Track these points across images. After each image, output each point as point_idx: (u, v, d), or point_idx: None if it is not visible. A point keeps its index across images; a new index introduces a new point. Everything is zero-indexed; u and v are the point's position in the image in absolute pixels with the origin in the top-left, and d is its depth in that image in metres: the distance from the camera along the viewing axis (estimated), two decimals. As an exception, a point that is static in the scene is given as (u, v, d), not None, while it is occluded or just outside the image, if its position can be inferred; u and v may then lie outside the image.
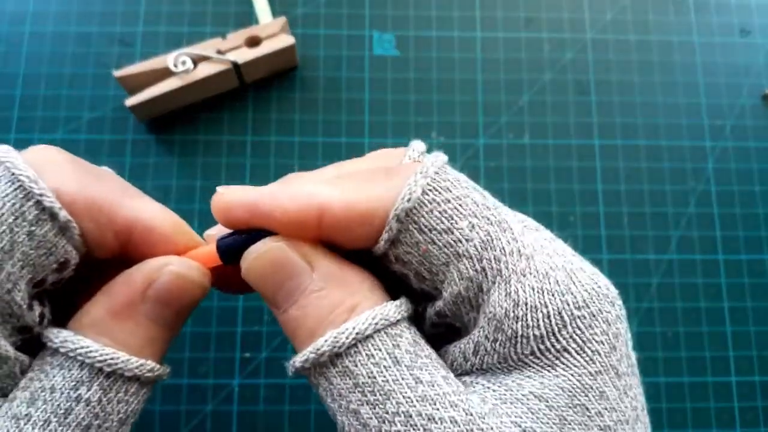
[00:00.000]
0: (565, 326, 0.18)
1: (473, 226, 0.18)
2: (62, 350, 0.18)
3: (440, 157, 0.19)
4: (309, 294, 0.18)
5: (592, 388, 0.17)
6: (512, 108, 0.41)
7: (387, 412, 0.17)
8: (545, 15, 0.43)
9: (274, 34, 0.38)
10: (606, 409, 0.18)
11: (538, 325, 0.18)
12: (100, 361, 0.17)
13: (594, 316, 0.18)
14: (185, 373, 0.36)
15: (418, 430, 0.16)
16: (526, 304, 0.18)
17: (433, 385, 0.17)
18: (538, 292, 0.18)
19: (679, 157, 0.41)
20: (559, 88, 0.41)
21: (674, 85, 0.42)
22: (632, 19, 0.43)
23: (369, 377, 0.17)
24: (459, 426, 0.16)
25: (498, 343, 0.18)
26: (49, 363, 0.18)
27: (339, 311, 0.18)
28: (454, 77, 0.41)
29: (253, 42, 0.38)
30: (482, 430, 0.16)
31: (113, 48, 0.41)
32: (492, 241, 0.18)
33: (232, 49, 0.37)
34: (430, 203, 0.18)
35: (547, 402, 0.17)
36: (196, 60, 0.37)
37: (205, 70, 0.37)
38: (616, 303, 0.19)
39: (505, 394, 0.18)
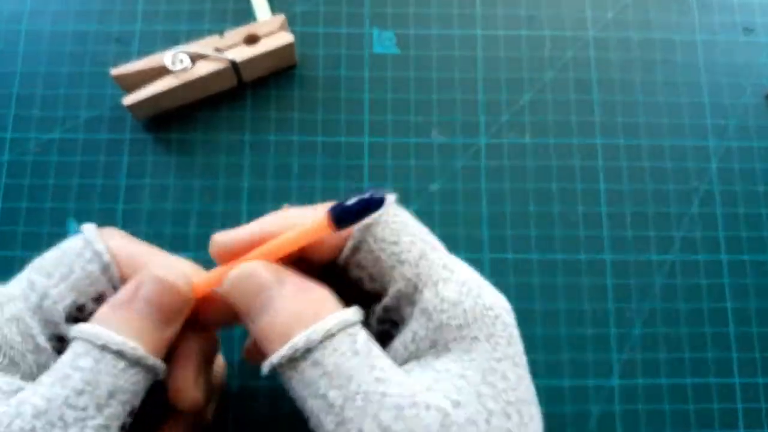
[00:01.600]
0: (476, 320, 0.23)
1: (413, 243, 0.25)
2: (71, 334, 0.23)
3: (392, 196, 0.26)
4: (280, 303, 0.23)
5: (497, 370, 0.23)
6: (513, 107, 0.41)
7: (349, 392, 0.21)
8: (546, 13, 0.42)
9: (272, 32, 0.38)
10: (509, 388, 0.23)
11: (457, 317, 0.23)
12: (92, 336, 0.22)
13: (496, 317, 0.24)
14: (183, 375, 0.35)
15: (374, 403, 0.21)
16: (449, 301, 0.23)
17: (383, 370, 0.22)
18: (457, 293, 0.24)
19: (682, 157, 0.40)
20: (561, 86, 0.41)
21: (676, 84, 0.42)
22: (634, 18, 0.43)
23: (335, 366, 0.21)
24: (406, 398, 0.21)
25: (429, 330, 0.23)
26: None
27: (305, 315, 0.22)
28: (455, 76, 0.41)
29: (252, 40, 0.37)
30: (423, 400, 0.21)
31: (110, 46, 0.40)
32: (426, 254, 0.25)
33: (230, 47, 0.37)
34: (383, 222, 0.25)
35: (467, 380, 0.22)
36: (194, 58, 0.37)
37: (203, 68, 0.36)
38: (510, 314, 0.25)
39: (437, 376, 0.22)
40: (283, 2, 0.41)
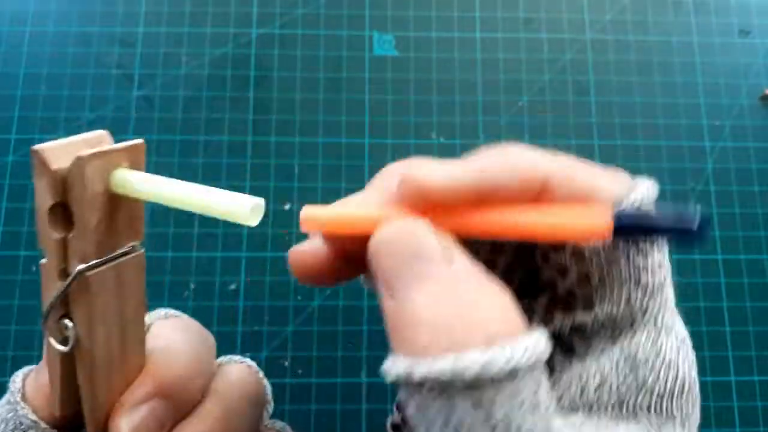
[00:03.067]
0: (682, 394, 0.18)
1: (661, 264, 0.18)
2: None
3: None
4: (443, 286, 0.15)
5: None
6: (512, 108, 0.41)
7: None
8: (545, 15, 0.43)
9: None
10: None
11: (666, 384, 0.17)
12: None
13: (696, 397, 0.18)
14: (185, 373, 0.36)
15: None
16: (665, 359, 0.18)
17: None
18: (676, 352, 0.18)
19: (679, 158, 0.41)
20: (559, 88, 0.41)
21: (673, 86, 0.42)
22: (631, 20, 0.43)
23: (505, 417, 0.14)
24: None
25: (625, 385, 0.18)
26: None
27: (475, 320, 0.15)
28: (454, 78, 0.41)
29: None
30: None
31: (114, 48, 0.41)
32: (664, 287, 0.18)
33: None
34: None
35: None
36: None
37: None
38: None
39: None
40: (285, 5, 0.42)
